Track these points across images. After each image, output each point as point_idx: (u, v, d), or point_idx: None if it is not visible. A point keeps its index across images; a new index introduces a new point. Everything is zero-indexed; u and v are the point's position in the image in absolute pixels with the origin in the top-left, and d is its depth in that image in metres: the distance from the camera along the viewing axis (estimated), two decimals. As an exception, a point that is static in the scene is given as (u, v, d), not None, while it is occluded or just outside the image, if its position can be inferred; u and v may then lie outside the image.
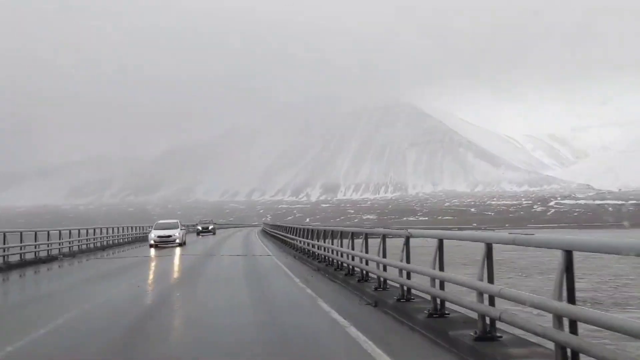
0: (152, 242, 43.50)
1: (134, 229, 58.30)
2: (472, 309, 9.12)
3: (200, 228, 77.92)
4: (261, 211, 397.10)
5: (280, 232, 47.64)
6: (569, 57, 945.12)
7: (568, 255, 6.53)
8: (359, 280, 17.04)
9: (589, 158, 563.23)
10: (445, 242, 10.88)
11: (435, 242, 10.56)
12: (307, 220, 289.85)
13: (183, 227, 47.80)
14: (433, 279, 10.77)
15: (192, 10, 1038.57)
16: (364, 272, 16.90)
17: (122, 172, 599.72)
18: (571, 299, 6.54)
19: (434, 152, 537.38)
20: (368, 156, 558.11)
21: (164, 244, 43.28)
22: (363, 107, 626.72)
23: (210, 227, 78.55)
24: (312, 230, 28.27)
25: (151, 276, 24.02)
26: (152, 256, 34.90)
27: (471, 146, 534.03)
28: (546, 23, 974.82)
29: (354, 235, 19.58)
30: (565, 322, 6.55)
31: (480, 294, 8.64)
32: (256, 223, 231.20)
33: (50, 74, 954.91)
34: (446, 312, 10.74)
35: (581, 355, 6.35)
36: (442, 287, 10.65)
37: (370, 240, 16.87)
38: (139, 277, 23.19)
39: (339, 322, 11.61)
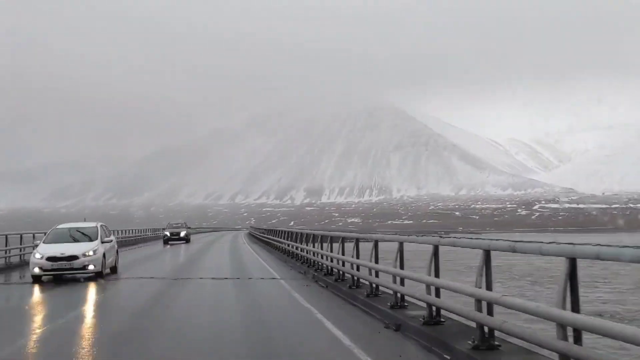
0: (34, 271, 22.21)
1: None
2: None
3: (167, 234, 59.56)
4: (245, 214, 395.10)
5: (277, 239, 39.72)
6: (553, 61, 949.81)
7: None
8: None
9: (572, 162, 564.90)
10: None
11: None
12: (292, 223, 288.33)
13: (106, 238, 24.48)
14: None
15: (179, 10, 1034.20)
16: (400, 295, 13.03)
17: (105, 174, 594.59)
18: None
19: (419, 156, 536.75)
20: (352, 159, 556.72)
21: (60, 273, 22.48)
22: (347, 111, 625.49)
23: (182, 234, 60.05)
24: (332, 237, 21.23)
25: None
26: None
27: (455, 149, 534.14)
28: (530, 26, 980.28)
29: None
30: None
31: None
32: (239, 227, 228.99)
33: (29, 75, 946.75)
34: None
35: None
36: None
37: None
38: None
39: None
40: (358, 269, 15.72)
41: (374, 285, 14.15)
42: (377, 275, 14.08)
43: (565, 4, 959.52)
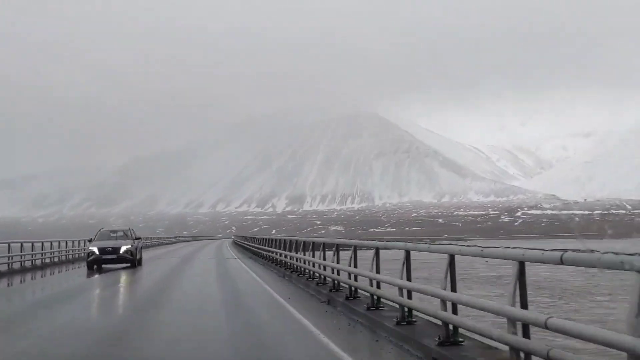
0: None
1: (73, 243, 46.48)
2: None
3: (94, 251, 33.26)
4: (226, 222, 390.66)
5: (271, 249, 33.66)
6: (532, 69, 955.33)
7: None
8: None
9: (553, 168, 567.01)
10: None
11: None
12: (273, 231, 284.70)
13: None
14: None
15: (155, 22, 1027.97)
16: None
17: (83, 183, 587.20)
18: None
19: (401, 163, 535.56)
20: (334, 167, 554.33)
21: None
22: (329, 118, 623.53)
23: (122, 249, 33.60)
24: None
25: None
26: None
27: (437, 156, 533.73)
28: (510, 34, 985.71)
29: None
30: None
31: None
32: (221, 235, 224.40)
33: (6, 84, 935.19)
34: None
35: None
36: (409, 296, 11.29)
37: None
38: None
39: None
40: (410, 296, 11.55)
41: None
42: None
43: (544, 13, 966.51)
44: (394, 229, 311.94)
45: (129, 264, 32.92)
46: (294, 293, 19.18)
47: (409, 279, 11.16)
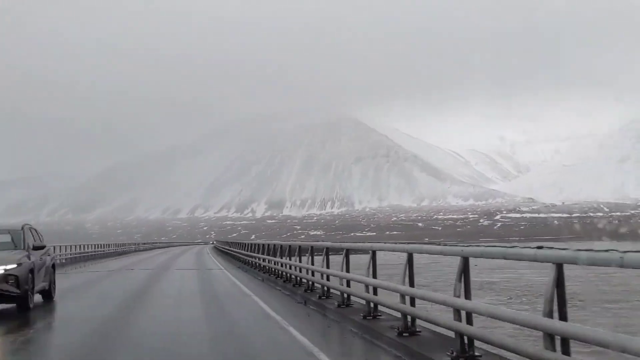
0: None
1: None
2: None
3: None
4: (205, 228, 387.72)
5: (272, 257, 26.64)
6: (510, 73, 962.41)
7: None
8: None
9: (530, 172, 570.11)
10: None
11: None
12: (253, 237, 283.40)
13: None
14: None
15: (132, 24, 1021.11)
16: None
17: (60, 190, 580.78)
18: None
19: (380, 167, 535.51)
20: (313, 171, 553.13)
21: None
22: (308, 123, 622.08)
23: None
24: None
25: None
26: None
27: (416, 161, 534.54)
28: (488, 39, 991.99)
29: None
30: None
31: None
32: (200, 241, 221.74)
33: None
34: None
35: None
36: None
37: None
38: None
39: None
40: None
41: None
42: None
43: (522, 18, 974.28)
44: (374, 234, 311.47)
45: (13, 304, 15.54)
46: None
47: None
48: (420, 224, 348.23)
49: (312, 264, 17.25)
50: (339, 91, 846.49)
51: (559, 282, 6.03)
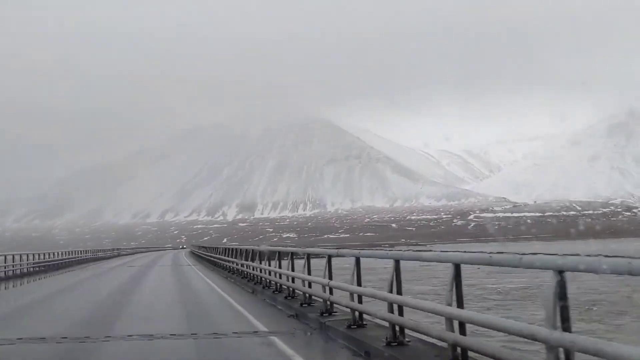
0: None
1: (14, 257, 39.74)
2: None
3: None
4: (175, 232, 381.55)
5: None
6: (479, 73, 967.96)
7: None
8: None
9: (502, 172, 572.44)
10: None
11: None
12: (225, 240, 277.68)
13: None
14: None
15: (95, 28, 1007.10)
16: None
17: (26, 195, 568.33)
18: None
19: (352, 169, 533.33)
20: (285, 174, 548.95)
21: None
22: (279, 125, 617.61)
23: None
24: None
25: None
26: None
27: (389, 162, 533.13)
28: (457, 41, 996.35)
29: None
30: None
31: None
32: (170, 246, 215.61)
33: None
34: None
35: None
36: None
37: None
38: None
39: None
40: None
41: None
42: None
43: (493, 19, 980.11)
44: (348, 235, 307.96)
45: None
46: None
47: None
48: (394, 225, 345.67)
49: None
50: (310, 93, 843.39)
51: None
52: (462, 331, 7.40)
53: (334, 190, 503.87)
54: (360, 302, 11.58)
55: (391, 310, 9.51)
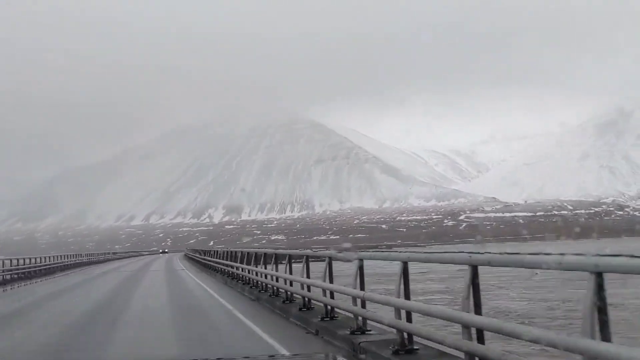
0: None
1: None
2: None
3: None
4: (161, 235, 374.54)
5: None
6: (466, 72, 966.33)
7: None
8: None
9: (490, 172, 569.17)
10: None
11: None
12: (211, 243, 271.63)
13: None
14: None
15: (80, 24, 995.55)
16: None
17: (7, 198, 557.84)
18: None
19: (340, 169, 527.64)
20: (272, 174, 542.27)
21: None
22: (265, 125, 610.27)
23: None
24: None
25: None
26: None
27: (377, 162, 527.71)
28: (443, 40, 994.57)
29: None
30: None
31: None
32: (155, 248, 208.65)
33: None
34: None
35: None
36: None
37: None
38: None
39: None
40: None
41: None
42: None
43: (480, 17, 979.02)
44: (338, 237, 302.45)
45: None
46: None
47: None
48: (384, 226, 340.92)
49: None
50: (296, 92, 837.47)
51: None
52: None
53: (322, 191, 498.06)
54: (409, 320, 8.99)
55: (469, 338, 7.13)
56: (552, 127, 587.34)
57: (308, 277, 14.86)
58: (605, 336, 4.70)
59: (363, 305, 10.86)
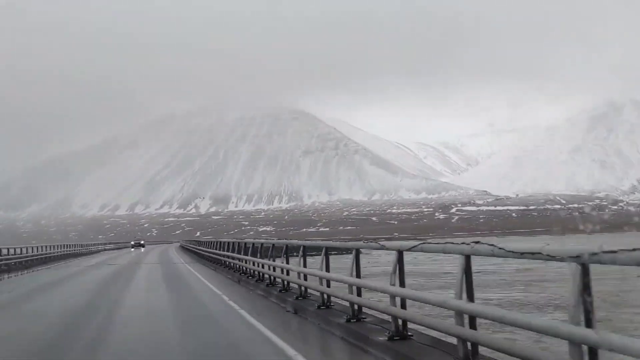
0: None
1: None
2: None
3: None
4: (146, 225, 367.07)
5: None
6: (453, 66, 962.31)
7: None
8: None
9: (480, 165, 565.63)
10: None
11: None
12: (198, 234, 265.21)
13: None
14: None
15: (62, 12, 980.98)
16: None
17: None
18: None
19: (329, 160, 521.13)
20: (260, 165, 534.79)
21: None
22: (252, 115, 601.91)
23: None
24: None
25: None
26: None
27: (366, 153, 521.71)
28: (434, 34, 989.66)
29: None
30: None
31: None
32: (139, 238, 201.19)
33: None
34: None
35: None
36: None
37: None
38: None
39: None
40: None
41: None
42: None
43: (473, 9, 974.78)
44: (327, 229, 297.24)
45: None
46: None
47: (327, 270, 13.56)
48: (374, 219, 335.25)
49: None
50: (285, 82, 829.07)
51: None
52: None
53: (311, 182, 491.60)
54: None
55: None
56: (542, 121, 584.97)
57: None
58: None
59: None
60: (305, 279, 15.26)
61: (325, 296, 13.51)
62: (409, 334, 9.56)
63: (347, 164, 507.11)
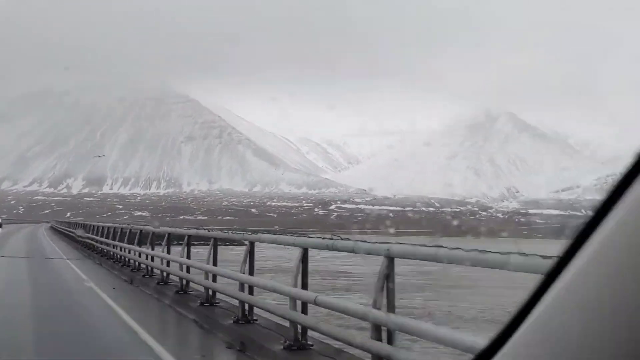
0: None
1: None
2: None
3: None
4: (12, 202, 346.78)
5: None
6: (342, 64, 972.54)
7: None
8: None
9: (361, 164, 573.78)
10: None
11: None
12: (68, 214, 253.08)
13: None
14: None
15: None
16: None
17: None
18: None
19: (212, 148, 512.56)
20: (139, 148, 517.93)
21: None
22: (134, 96, 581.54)
23: None
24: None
25: None
26: None
27: (250, 144, 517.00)
28: (324, 31, 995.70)
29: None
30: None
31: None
32: (5, 216, 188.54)
33: None
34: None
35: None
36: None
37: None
38: None
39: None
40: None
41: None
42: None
43: (369, 17, 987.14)
44: (206, 217, 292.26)
45: None
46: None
47: (188, 257, 14.84)
48: (254, 210, 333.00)
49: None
50: (169, 66, 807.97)
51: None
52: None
53: (191, 169, 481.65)
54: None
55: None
56: (424, 127, 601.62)
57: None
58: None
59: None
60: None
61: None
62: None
63: (230, 153, 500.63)
